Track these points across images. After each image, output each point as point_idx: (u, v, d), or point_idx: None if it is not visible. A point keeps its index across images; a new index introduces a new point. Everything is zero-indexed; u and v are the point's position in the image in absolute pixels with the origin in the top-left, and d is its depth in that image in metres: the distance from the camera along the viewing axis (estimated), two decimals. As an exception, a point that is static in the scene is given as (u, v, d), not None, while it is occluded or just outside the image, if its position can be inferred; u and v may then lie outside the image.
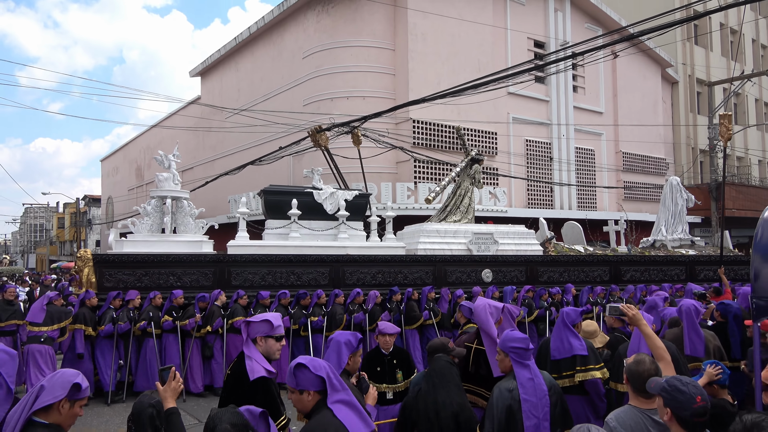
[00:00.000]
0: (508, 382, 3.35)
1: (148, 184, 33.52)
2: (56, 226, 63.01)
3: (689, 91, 29.06)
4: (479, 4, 20.03)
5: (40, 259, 60.75)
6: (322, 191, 10.56)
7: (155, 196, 9.32)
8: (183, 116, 27.41)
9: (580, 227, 14.44)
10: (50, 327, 7.45)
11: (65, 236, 57.92)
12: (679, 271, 12.78)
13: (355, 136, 12.43)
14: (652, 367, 3.00)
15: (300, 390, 2.60)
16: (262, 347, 3.20)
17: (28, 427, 2.27)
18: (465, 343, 4.16)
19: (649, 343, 3.45)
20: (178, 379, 2.75)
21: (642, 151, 25.48)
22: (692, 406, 2.38)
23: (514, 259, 10.99)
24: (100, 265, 8.38)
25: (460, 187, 11.70)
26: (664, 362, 3.30)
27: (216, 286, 8.79)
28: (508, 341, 3.44)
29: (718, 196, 21.95)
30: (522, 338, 3.43)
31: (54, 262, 50.82)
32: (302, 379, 2.60)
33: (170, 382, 2.73)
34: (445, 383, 3.47)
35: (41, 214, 70.60)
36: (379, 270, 9.92)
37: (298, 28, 20.08)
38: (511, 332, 3.53)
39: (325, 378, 2.56)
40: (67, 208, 58.12)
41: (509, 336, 3.48)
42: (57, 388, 2.34)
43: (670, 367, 3.29)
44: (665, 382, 2.52)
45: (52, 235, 64.16)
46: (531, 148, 21.63)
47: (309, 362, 2.62)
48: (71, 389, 2.37)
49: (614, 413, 2.90)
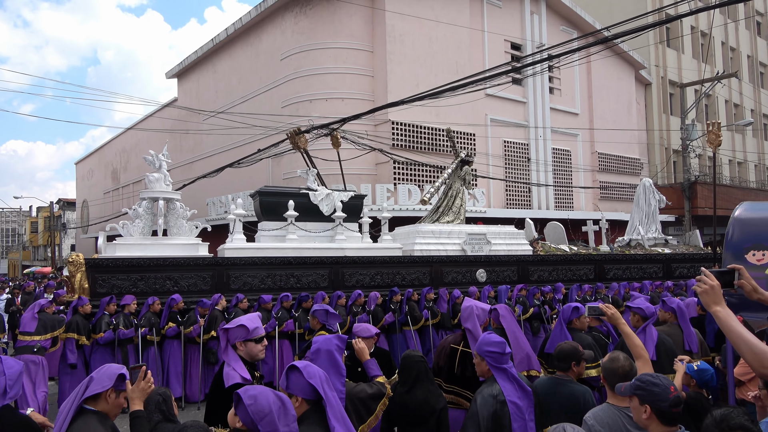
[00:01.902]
0: (491, 388, 3.28)
1: (124, 187, 32.98)
2: (29, 230, 61.58)
3: (662, 93, 29.64)
4: (456, 6, 20.15)
5: (12, 264, 59.27)
6: (318, 192, 10.47)
7: (146, 197, 8.99)
8: (160, 118, 27.04)
9: (562, 227, 14.69)
10: (43, 336, 7.06)
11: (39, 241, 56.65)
12: (657, 268, 13.16)
13: (334, 138, 12.41)
14: (626, 363, 3.03)
15: (289, 394, 2.51)
16: (243, 351, 3.18)
17: (79, 414, 2.52)
18: (451, 345, 4.14)
19: (627, 342, 3.48)
20: (149, 379, 2.74)
21: (617, 151, 25.91)
22: (668, 397, 2.40)
23: (507, 258, 11.13)
24: (93, 269, 8.04)
25: (452, 188, 11.82)
26: (642, 360, 3.32)
27: (214, 290, 8.57)
28: (484, 345, 3.35)
29: (691, 195, 22.43)
30: (498, 342, 3.33)
31: (27, 267, 49.63)
32: (293, 383, 2.51)
33: (139, 381, 2.70)
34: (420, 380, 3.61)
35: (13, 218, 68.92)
36: (378, 271, 9.88)
37: (275, 29, 19.95)
38: (488, 335, 3.44)
39: (317, 387, 2.47)
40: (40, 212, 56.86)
41: (485, 339, 3.39)
42: (104, 379, 2.58)
43: (647, 365, 3.32)
44: (636, 380, 2.52)
45: (25, 239, 62.69)
46: (509, 149, 21.82)
47: (304, 367, 2.53)
48: (117, 380, 2.60)
49: (592, 411, 2.92)
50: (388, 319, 8.95)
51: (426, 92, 10.12)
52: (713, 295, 2.50)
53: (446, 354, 4.12)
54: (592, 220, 15.89)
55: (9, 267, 58.25)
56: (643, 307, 4.47)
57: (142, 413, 2.69)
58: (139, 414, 2.68)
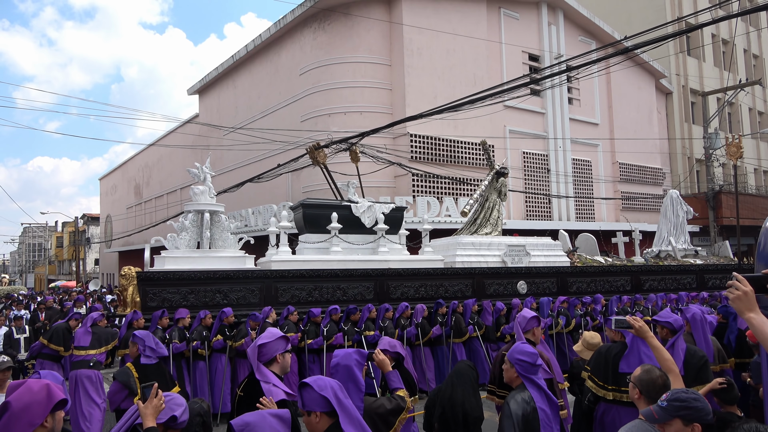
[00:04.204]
0: (523, 393, 3.38)
1: (147, 202, 33.51)
2: (55, 245, 62.85)
3: (683, 102, 29.27)
4: (474, 18, 20.23)
5: (38, 278, 60.49)
6: (360, 204, 10.48)
7: (192, 210, 8.98)
8: (181, 134, 27.49)
9: (594, 238, 14.61)
10: (98, 350, 6.98)
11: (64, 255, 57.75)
12: (691, 279, 13.16)
13: (353, 153, 12.49)
14: (662, 374, 2.95)
15: (308, 411, 2.51)
16: (279, 365, 3.15)
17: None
18: (503, 352, 4.23)
19: (657, 356, 3.40)
20: (161, 396, 2.71)
21: (638, 161, 25.59)
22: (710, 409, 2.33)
23: (546, 270, 11.15)
24: (144, 283, 7.97)
25: (488, 200, 11.90)
26: (673, 375, 3.23)
27: (263, 303, 8.55)
28: (515, 353, 3.47)
29: (716, 205, 22.02)
30: (530, 353, 3.44)
31: (53, 281, 50.58)
32: (307, 400, 2.51)
33: (152, 399, 2.67)
34: (463, 383, 3.78)
35: (39, 233, 70.42)
36: (422, 283, 9.89)
37: (294, 45, 20.23)
38: (521, 344, 3.56)
39: (329, 398, 2.46)
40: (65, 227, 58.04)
41: (518, 348, 3.50)
42: None
43: (678, 379, 3.23)
44: (672, 401, 2.41)
45: (51, 254, 63.96)
46: (528, 160, 21.70)
47: (313, 381, 2.53)
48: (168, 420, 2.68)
49: (625, 428, 2.72)
50: (435, 332, 8.92)
51: (445, 105, 10.15)
52: (746, 301, 2.35)
53: (499, 361, 4.24)
54: (621, 231, 15.77)
55: (36, 281, 59.46)
56: (671, 321, 4.40)
57: (155, 430, 2.70)
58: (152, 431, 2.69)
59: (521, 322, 4.27)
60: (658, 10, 27.57)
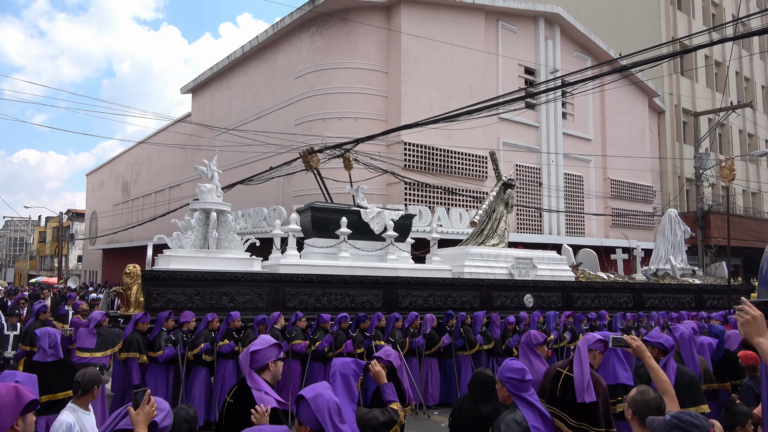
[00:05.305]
0: (514, 414, 3.33)
1: (134, 200, 33.28)
2: (37, 240, 62.08)
3: (675, 121, 29.68)
4: (472, 29, 20.41)
5: (18, 273, 59.62)
6: (369, 210, 10.35)
7: (198, 208, 8.71)
8: (172, 133, 27.38)
9: (594, 254, 14.75)
10: (104, 352, 6.55)
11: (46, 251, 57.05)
12: (690, 298, 13.29)
13: (346, 160, 12.47)
14: (657, 396, 2.96)
15: (299, 422, 2.53)
16: (270, 373, 3.15)
17: None
18: (557, 368, 4.21)
19: (653, 376, 3.42)
20: (152, 403, 2.69)
21: (630, 178, 25.88)
22: None
23: (552, 284, 11.17)
24: (148, 282, 7.70)
25: (495, 212, 11.92)
26: (669, 396, 3.23)
27: (270, 308, 8.33)
28: (504, 371, 3.38)
29: (705, 225, 22.28)
30: (519, 369, 3.36)
31: (33, 276, 49.91)
32: (302, 414, 2.52)
33: (143, 406, 2.64)
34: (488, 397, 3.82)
35: (22, 227, 69.54)
36: (431, 293, 9.82)
37: (291, 48, 20.28)
38: (509, 361, 3.47)
39: (325, 425, 2.45)
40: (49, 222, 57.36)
41: (506, 365, 3.42)
42: None
43: (674, 401, 3.24)
44: (673, 418, 2.43)
45: (33, 249, 63.13)
46: (521, 173, 21.87)
47: (312, 398, 2.51)
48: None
49: None
50: (445, 341, 8.83)
51: (441, 116, 10.23)
52: (755, 326, 2.35)
53: (551, 376, 4.20)
54: (621, 248, 15.91)
55: (15, 276, 58.60)
56: (662, 341, 4.45)
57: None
58: None
59: (589, 340, 4.16)
60: (653, 30, 28.00)
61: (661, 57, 8.13)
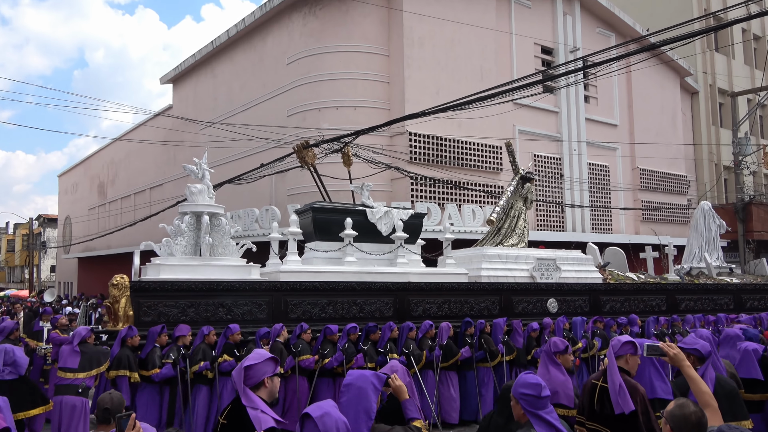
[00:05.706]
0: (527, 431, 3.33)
1: (112, 202, 33.39)
2: (5, 249, 62.36)
3: (711, 102, 29.58)
4: (481, 7, 20.38)
5: (-15, 286, 59.94)
6: (376, 210, 10.25)
7: (189, 211, 8.62)
8: (152, 127, 27.45)
9: (623, 253, 14.74)
10: (88, 373, 6.43)
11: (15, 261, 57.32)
12: (728, 300, 13.26)
13: (345, 156, 12.43)
14: (698, 410, 2.92)
15: None
16: (267, 390, 3.16)
17: None
18: (592, 380, 4.23)
19: (693, 388, 3.38)
20: (138, 428, 2.74)
21: (661, 167, 25.81)
22: None
23: (578, 287, 11.16)
24: (138, 294, 7.67)
25: (513, 209, 11.88)
26: (711, 409, 3.19)
27: (271, 319, 8.32)
28: (518, 386, 3.35)
29: (745, 218, 22.23)
30: (534, 384, 3.30)
31: (1, 290, 50.16)
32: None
33: (129, 431, 2.71)
34: None
35: (-12, 235, 69.81)
36: (446, 300, 9.76)
37: (282, 31, 20.29)
38: (524, 376, 3.43)
39: None
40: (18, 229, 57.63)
41: (521, 380, 3.38)
42: None
43: (717, 415, 3.21)
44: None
45: (0, 259, 63.42)
46: (539, 163, 21.83)
47: (319, 418, 2.53)
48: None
49: None
50: (464, 354, 8.80)
51: (450, 103, 10.22)
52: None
53: (587, 390, 4.22)
54: (650, 246, 15.88)
55: (-18, 289, 58.88)
56: (699, 347, 4.43)
57: None
58: None
59: (615, 345, 4.17)
60: (684, 1, 27.91)
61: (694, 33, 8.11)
